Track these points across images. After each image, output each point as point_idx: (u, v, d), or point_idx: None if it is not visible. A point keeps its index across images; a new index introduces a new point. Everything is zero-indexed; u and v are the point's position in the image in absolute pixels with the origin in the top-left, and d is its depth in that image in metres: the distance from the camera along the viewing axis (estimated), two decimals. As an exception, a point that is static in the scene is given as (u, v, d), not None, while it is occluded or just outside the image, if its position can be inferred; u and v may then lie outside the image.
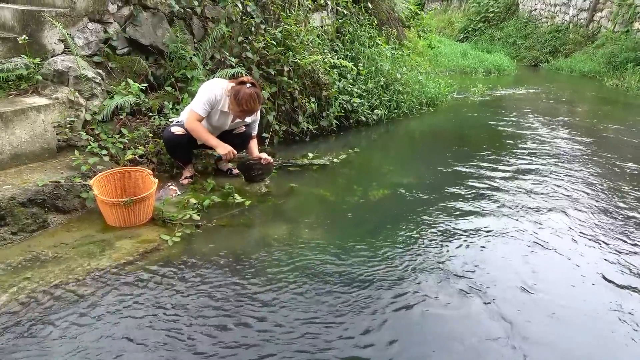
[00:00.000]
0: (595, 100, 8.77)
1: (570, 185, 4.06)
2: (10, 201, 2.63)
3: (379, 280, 2.49)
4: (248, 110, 3.26)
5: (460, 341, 2.08)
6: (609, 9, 12.64)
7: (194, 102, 3.31)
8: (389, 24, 8.03)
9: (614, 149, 5.31)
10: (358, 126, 5.64)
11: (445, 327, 2.17)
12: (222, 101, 3.32)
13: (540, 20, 15.37)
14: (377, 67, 6.27)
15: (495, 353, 2.03)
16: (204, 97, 3.27)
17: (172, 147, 3.44)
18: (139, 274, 2.42)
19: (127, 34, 3.86)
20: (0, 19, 3.56)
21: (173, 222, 2.94)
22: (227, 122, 3.48)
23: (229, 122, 3.49)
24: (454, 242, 2.96)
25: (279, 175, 3.90)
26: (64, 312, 2.11)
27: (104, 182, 2.97)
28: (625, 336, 2.19)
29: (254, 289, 2.36)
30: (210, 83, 3.37)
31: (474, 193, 3.78)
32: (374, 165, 4.51)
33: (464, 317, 2.25)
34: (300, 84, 4.88)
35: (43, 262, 2.45)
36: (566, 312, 2.33)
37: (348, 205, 3.45)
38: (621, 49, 11.35)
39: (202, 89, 3.33)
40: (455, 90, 8.28)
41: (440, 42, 13.24)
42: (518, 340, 2.10)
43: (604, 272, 2.70)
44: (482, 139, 5.67)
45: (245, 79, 3.25)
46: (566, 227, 3.24)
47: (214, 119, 3.39)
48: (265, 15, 4.92)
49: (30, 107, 3.00)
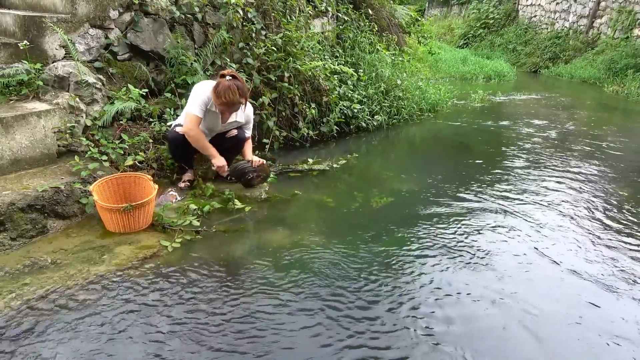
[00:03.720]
0: (595, 107, 8.77)
1: (573, 192, 4.06)
2: (10, 207, 2.63)
3: (379, 286, 2.48)
4: (228, 103, 3.23)
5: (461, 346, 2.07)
6: (608, 16, 12.68)
7: (189, 104, 3.31)
8: (390, 30, 8.06)
9: (615, 155, 5.30)
10: (358, 132, 5.64)
11: (447, 327, 2.16)
12: (211, 101, 3.33)
13: (540, 27, 15.41)
14: (377, 73, 6.28)
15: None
16: (197, 98, 3.28)
17: (177, 148, 3.44)
18: (138, 280, 2.41)
19: (128, 40, 3.87)
20: (1, 24, 3.57)
21: (173, 228, 2.94)
22: (218, 123, 3.47)
23: (219, 123, 3.48)
24: (455, 247, 2.95)
25: (279, 180, 3.90)
26: (62, 319, 2.10)
27: (103, 187, 2.97)
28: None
29: (254, 296, 2.35)
30: (201, 84, 3.40)
31: (474, 199, 3.77)
32: (374, 171, 4.50)
33: (466, 321, 2.24)
34: (301, 90, 4.89)
35: (42, 268, 2.44)
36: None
37: (348, 211, 3.44)
38: (621, 55, 11.37)
39: (193, 91, 3.34)
40: (456, 97, 8.29)
41: (440, 48, 13.25)
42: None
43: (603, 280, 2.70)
44: (482, 145, 5.67)
45: (225, 72, 3.26)
46: (568, 236, 3.22)
47: (205, 119, 3.39)
48: (265, 22, 4.93)
49: (30, 113, 3.00)
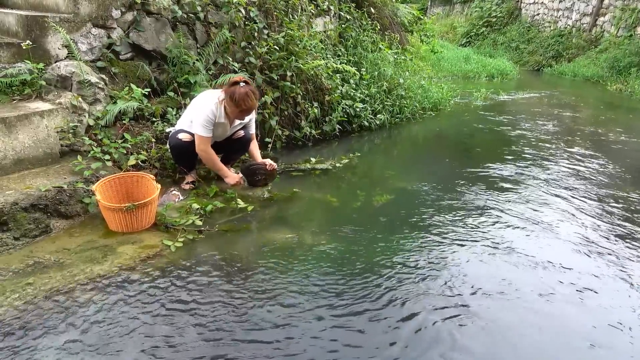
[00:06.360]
0: (598, 105, 8.74)
1: (576, 193, 4.04)
2: (13, 206, 2.63)
3: (382, 286, 2.48)
4: (247, 109, 3.27)
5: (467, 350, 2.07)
6: (611, 14, 12.62)
7: (196, 125, 3.28)
8: (392, 29, 8.04)
9: (618, 153, 5.28)
10: (361, 131, 5.63)
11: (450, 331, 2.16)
12: (218, 114, 3.32)
13: (543, 25, 15.36)
14: (379, 71, 6.27)
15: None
16: (203, 118, 3.25)
17: (178, 154, 3.44)
18: (141, 279, 2.41)
19: (131, 39, 3.87)
20: (4, 24, 3.57)
21: (175, 228, 2.94)
22: (227, 130, 3.50)
23: (228, 129, 3.50)
24: (457, 248, 2.94)
25: (281, 180, 3.89)
26: (65, 318, 2.10)
27: (106, 187, 2.97)
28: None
29: (257, 295, 2.35)
30: (202, 100, 3.35)
31: (477, 198, 3.76)
32: (377, 170, 4.50)
33: (467, 322, 2.23)
34: (303, 89, 4.89)
35: (45, 267, 2.45)
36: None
37: (351, 210, 3.44)
38: (624, 53, 11.33)
39: (197, 108, 3.31)
40: (458, 95, 8.27)
41: (442, 46, 13.23)
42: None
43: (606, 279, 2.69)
44: (485, 144, 5.66)
45: (237, 78, 3.26)
46: (574, 238, 3.20)
47: (214, 132, 3.40)
48: (268, 21, 4.93)
49: (33, 112, 3.00)
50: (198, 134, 3.29)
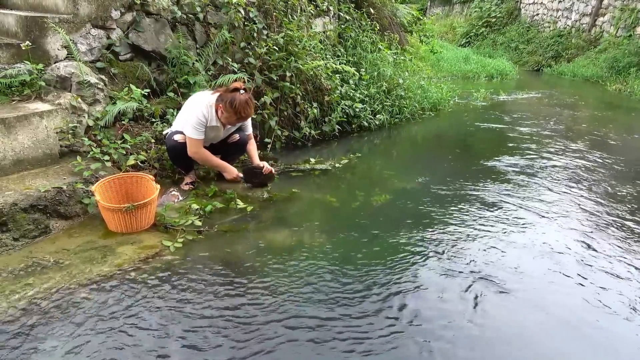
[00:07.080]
0: (598, 105, 8.74)
1: (577, 192, 4.04)
2: (12, 207, 2.63)
3: (382, 286, 2.48)
4: (244, 117, 3.33)
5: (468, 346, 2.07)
6: (611, 14, 12.64)
7: (187, 128, 3.28)
8: (391, 29, 8.04)
9: (619, 153, 5.28)
10: (360, 131, 5.63)
11: (450, 332, 2.16)
12: (210, 117, 3.31)
13: (542, 25, 15.37)
14: (379, 72, 6.27)
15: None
16: (193, 121, 3.25)
17: (175, 155, 3.43)
18: (140, 280, 2.41)
19: (130, 40, 3.88)
20: (4, 25, 3.58)
21: (175, 228, 2.94)
22: (220, 133, 3.52)
23: (221, 133, 3.52)
24: (458, 248, 2.95)
25: (281, 180, 3.89)
26: (64, 318, 2.10)
27: (106, 187, 2.97)
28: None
29: (256, 296, 2.35)
30: (193, 102, 3.35)
31: (476, 199, 3.76)
32: (376, 171, 4.50)
33: (468, 323, 2.23)
34: (303, 90, 4.89)
35: (44, 268, 2.45)
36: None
37: (350, 211, 3.44)
38: (624, 53, 11.34)
39: (188, 111, 3.31)
40: (457, 95, 8.27)
41: (442, 47, 13.24)
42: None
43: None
44: (484, 144, 5.66)
45: (237, 85, 3.26)
46: (575, 239, 3.20)
47: (207, 135, 3.40)
48: (267, 21, 4.93)
49: (32, 113, 3.00)
50: (189, 136, 3.28)
